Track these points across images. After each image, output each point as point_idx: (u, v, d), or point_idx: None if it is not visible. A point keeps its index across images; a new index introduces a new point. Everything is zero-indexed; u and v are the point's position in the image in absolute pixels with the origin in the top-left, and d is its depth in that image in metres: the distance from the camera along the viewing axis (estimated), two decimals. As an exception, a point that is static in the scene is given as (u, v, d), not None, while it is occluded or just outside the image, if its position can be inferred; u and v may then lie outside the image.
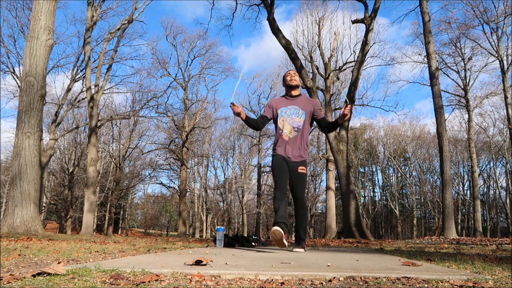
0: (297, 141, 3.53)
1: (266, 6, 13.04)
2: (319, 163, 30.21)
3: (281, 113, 3.60)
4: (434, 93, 12.39)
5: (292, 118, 3.55)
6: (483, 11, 18.98)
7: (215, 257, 2.62)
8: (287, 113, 3.57)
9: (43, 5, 7.43)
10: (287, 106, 3.61)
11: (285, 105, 3.62)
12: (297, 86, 3.66)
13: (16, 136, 7.07)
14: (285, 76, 3.71)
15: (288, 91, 3.71)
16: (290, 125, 3.53)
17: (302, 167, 3.52)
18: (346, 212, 11.92)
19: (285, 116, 3.56)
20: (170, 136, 28.21)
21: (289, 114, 3.57)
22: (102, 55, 17.36)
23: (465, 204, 32.32)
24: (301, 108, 3.58)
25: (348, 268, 2.00)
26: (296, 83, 3.65)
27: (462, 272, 1.94)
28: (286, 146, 3.53)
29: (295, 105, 3.60)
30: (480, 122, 26.01)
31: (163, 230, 49.29)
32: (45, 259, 2.56)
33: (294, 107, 3.59)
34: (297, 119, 3.54)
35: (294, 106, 3.60)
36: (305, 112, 3.57)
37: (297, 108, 3.58)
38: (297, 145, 3.53)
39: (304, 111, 3.57)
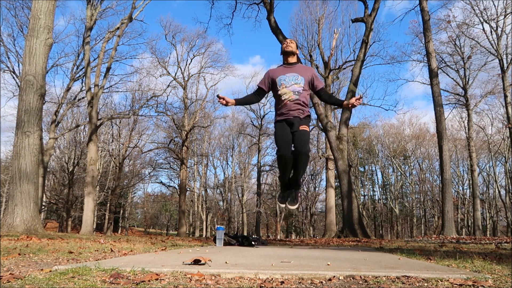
0: (298, 102, 3.57)
1: (266, 5, 13.02)
2: (319, 162, 30.21)
3: (280, 81, 3.59)
4: (434, 92, 12.39)
5: (292, 85, 3.56)
6: (482, 10, 18.98)
7: (215, 256, 2.62)
8: (286, 80, 3.57)
9: (43, 5, 7.41)
10: (286, 74, 3.61)
11: (283, 73, 3.62)
12: (292, 52, 3.65)
13: (16, 135, 7.07)
14: (282, 44, 3.75)
15: (285, 59, 3.71)
16: (290, 90, 3.55)
17: (304, 126, 3.54)
18: (346, 211, 11.92)
19: (285, 84, 3.56)
20: (169, 135, 28.21)
21: (288, 81, 3.56)
22: (101, 54, 17.34)
23: (465, 203, 32.33)
24: (300, 74, 3.60)
25: (347, 267, 2.00)
26: (291, 49, 3.64)
27: (461, 271, 1.94)
28: (288, 109, 3.56)
29: (293, 72, 3.61)
30: (478, 121, 26.02)
31: (163, 229, 49.30)
32: (45, 258, 2.56)
33: (293, 74, 3.60)
34: (297, 85, 3.56)
35: (292, 73, 3.60)
36: (304, 78, 3.59)
37: (296, 75, 3.58)
38: (298, 106, 3.57)
39: (303, 77, 3.59)
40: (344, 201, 12.10)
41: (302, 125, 3.55)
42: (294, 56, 3.69)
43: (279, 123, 3.62)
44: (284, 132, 3.55)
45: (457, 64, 21.71)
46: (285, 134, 3.54)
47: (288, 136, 3.53)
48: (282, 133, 3.55)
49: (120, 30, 17.79)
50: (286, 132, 3.55)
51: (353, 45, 21.95)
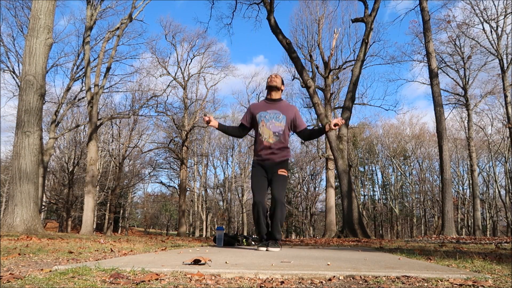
0: (278, 145, 3.43)
1: (266, 5, 13.02)
2: (319, 162, 30.21)
3: (260, 118, 3.46)
4: (434, 92, 12.39)
5: (272, 123, 3.43)
6: (482, 10, 18.98)
7: (215, 256, 2.62)
8: (267, 117, 3.44)
9: (43, 4, 7.41)
10: (267, 111, 3.48)
11: (264, 110, 3.49)
12: (276, 87, 3.52)
13: (16, 135, 7.07)
14: (268, 78, 3.62)
15: (268, 94, 3.58)
16: (270, 130, 3.42)
17: (282, 170, 3.43)
18: (346, 211, 11.92)
19: (265, 121, 3.43)
20: (169, 135, 28.21)
21: (268, 118, 3.44)
22: (101, 54, 17.34)
23: (465, 203, 32.34)
24: (282, 112, 3.47)
25: (347, 267, 2.00)
26: (276, 84, 3.51)
27: (461, 271, 1.94)
28: (267, 151, 3.43)
29: (275, 110, 3.48)
30: (478, 121, 26.03)
31: (163, 229, 49.32)
32: (45, 258, 2.56)
33: (274, 111, 3.47)
34: (278, 124, 3.42)
35: (274, 111, 3.47)
36: (286, 116, 3.47)
37: (278, 113, 3.46)
38: (278, 150, 3.44)
39: (284, 115, 3.47)
40: (344, 201, 12.10)
41: (281, 169, 3.43)
42: (278, 91, 3.56)
43: (255, 168, 3.49)
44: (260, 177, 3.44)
45: (457, 64, 21.72)
46: (261, 179, 3.43)
47: (264, 181, 3.42)
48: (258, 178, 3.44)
49: (120, 30, 17.80)
50: (262, 177, 3.44)
51: (353, 45, 21.96)
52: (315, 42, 21.05)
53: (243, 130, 3.62)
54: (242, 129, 3.62)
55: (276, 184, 3.40)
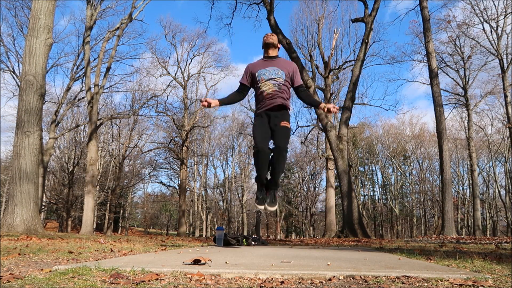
0: (278, 94, 3.47)
1: (266, 5, 13.02)
2: (319, 162, 30.20)
3: (259, 75, 3.51)
4: (434, 92, 12.39)
5: (271, 79, 3.48)
6: (482, 10, 18.98)
7: (215, 256, 2.62)
8: (266, 74, 3.49)
9: (43, 4, 7.41)
10: (265, 68, 3.52)
11: (263, 67, 3.53)
12: (273, 44, 3.55)
13: (16, 135, 7.07)
14: (263, 36, 3.65)
15: (265, 52, 3.62)
16: (270, 82, 3.46)
17: (284, 122, 3.45)
18: (346, 211, 11.92)
19: (264, 78, 3.48)
20: (169, 135, 28.21)
21: (268, 75, 3.48)
22: (101, 54, 17.34)
23: (465, 203, 32.34)
24: (280, 68, 3.51)
25: (347, 267, 2.00)
26: (272, 41, 3.55)
27: (461, 271, 1.94)
28: (267, 101, 3.47)
29: (274, 66, 3.52)
30: (478, 121, 26.02)
31: (163, 229, 49.31)
32: (45, 258, 2.56)
33: (273, 68, 3.51)
34: (277, 79, 3.47)
35: (272, 67, 3.51)
36: (284, 72, 3.50)
37: (276, 69, 3.50)
38: (278, 98, 3.47)
39: (283, 71, 3.50)
40: (344, 201, 12.10)
41: (283, 121, 3.45)
42: (275, 49, 3.60)
43: (258, 117, 3.52)
44: (263, 126, 3.46)
45: (457, 64, 21.71)
46: (264, 128, 3.45)
47: (267, 131, 3.44)
48: (261, 127, 3.46)
49: (120, 30, 17.80)
50: (265, 127, 3.45)
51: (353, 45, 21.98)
52: (315, 42, 21.06)
53: (244, 91, 3.66)
54: (242, 90, 3.65)
55: (279, 133, 3.42)
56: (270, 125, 3.46)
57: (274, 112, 3.46)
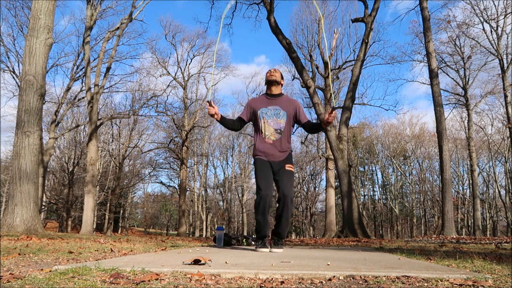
0: (280, 143, 3.35)
1: (266, 5, 13.02)
2: (319, 162, 30.21)
3: (261, 115, 3.37)
4: (434, 92, 12.38)
5: (274, 120, 3.35)
6: (483, 10, 18.98)
7: (215, 256, 2.62)
8: (268, 114, 3.36)
9: (43, 4, 7.41)
10: (268, 107, 3.39)
11: (265, 106, 3.40)
12: (276, 81, 3.43)
13: (16, 135, 7.07)
14: (266, 73, 3.53)
15: (268, 88, 3.50)
16: (271, 127, 3.34)
17: (289, 165, 3.34)
18: (346, 211, 11.93)
19: (266, 118, 3.35)
20: (169, 135, 28.21)
21: (270, 115, 3.36)
22: (101, 54, 17.34)
23: (465, 203, 32.34)
24: (282, 108, 3.38)
25: (347, 267, 2.00)
26: (275, 78, 3.43)
27: (461, 271, 1.94)
28: (269, 149, 3.35)
29: (276, 106, 3.39)
30: (478, 121, 26.03)
31: (163, 229, 49.32)
32: (45, 258, 2.56)
33: (275, 107, 3.38)
34: (279, 120, 3.35)
35: (275, 107, 3.39)
36: (286, 112, 3.38)
37: (278, 109, 3.37)
38: (281, 147, 3.36)
39: (285, 111, 3.38)
40: (344, 201, 12.10)
41: (288, 164, 3.32)
42: (278, 86, 3.47)
43: (260, 161, 3.33)
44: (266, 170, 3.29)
45: (457, 64, 21.72)
46: (267, 173, 3.28)
47: (270, 175, 3.28)
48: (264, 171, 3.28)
49: (120, 30, 17.80)
50: (268, 170, 3.29)
51: (353, 45, 21.99)
52: (315, 42, 21.06)
53: (241, 125, 3.54)
54: (240, 123, 3.53)
55: (284, 179, 3.26)
56: (273, 169, 3.32)
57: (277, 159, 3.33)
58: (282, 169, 3.31)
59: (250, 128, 33.95)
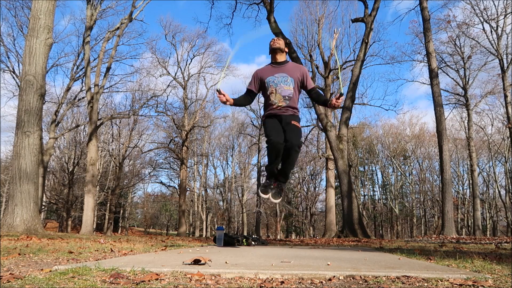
0: (288, 108, 3.49)
1: (266, 5, 13.02)
2: (319, 162, 30.21)
3: (269, 83, 3.48)
4: (434, 92, 12.38)
5: (281, 87, 3.45)
6: (482, 10, 18.98)
7: (215, 256, 2.62)
8: (275, 81, 3.46)
9: (43, 4, 7.41)
10: (274, 75, 3.48)
11: (272, 74, 3.49)
12: (280, 49, 3.51)
13: (16, 135, 7.07)
14: (270, 42, 3.62)
15: (273, 57, 3.58)
16: (280, 94, 3.44)
17: (295, 121, 3.49)
18: (346, 211, 11.93)
19: (273, 86, 3.46)
20: (169, 135, 28.22)
21: (277, 82, 3.45)
22: (101, 54, 17.34)
23: (465, 203, 32.33)
24: (289, 75, 3.48)
25: (347, 267, 2.00)
26: (279, 45, 3.51)
27: (461, 270, 1.94)
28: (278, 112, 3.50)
29: (282, 73, 3.48)
30: (478, 121, 26.03)
31: (163, 229, 49.30)
32: (45, 258, 2.56)
33: (282, 74, 3.47)
34: (286, 87, 3.44)
35: (281, 74, 3.48)
36: (293, 78, 3.48)
37: (285, 76, 3.47)
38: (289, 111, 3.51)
39: (292, 77, 3.47)
40: (344, 201, 12.10)
41: (294, 121, 3.48)
42: (282, 53, 3.56)
43: (269, 117, 3.53)
44: (275, 123, 3.47)
45: (457, 64, 21.72)
46: (276, 125, 3.46)
47: (279, 127, 3.45)
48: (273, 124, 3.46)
49: (120, 30, 17.80)
50: (277, 124, 3.47)
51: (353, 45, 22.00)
52: (315, 42, 21.06)
53: (251, 97, 3.66)
54: (250, 95, 3.65)
55: (291, 131, 3.42)
56: (281, 125, 3.48)
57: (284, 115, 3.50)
58: (289, 124, 3.46)
59: (250, 128, 33.97)
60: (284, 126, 3.45)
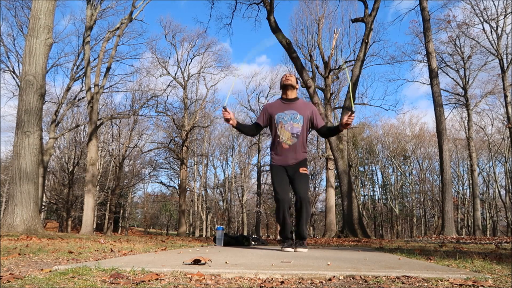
0: (296, 147, 3.43)
1: (265, 5, 13.02)
2: (319, 162, 30.21)
3: (278, 119, 3.43)
4: (434, 92, 12.39)
5: (290, 124, 3.40)
6: (482, 10, 18.98)
7: (215, 256, 2.62)
8: (285, 118, 3.41)
9: (43, 4, 7.41)
10: (284, 111, 3.44)
11: (281, 110, 3.46)
12: (291, 85, 3.48)
13: (16, 135, 7.07)
14: (282, 77, 3.59)
15: (283, 93, 3.55)
16: (288, 132, 3.40)
17: (303, 168, 3.42)
18: (346, 211, 11.93)
19: (283, 123, 3.41)
20: (169, 135, 28.22)
21: (286, 119, 3.41)
22: (101, 54, 17.34)
23: (465, 203, 32.34)
24: (299, 112, 3.44)
25: (347, 267, 2.00)
26: (291, 82, 3.48)
27: (461, 271, 1.94)
28: (286, 154, 3.42)
29: (292, 110, 3.45)
30: (478, 121, 26.03)
31: (163, 229, 49.31)
32: (45, 258, 2.56)
33: (292, 111, 3.44)
34: (296, 125, 3.40)
35: (291, 111, 3.44)
36: (303, 116, 3.43)
37: (295, 113, 3.43)
38: (297, 151, 3.43)
39: (302, 115, 3.43)
40: (344, 201, 12.10)
41: (302, 167, 3.41)
42: (294, 90, 3.52)
43: (276, 167, 3.45)
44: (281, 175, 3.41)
45: (457, 64, 21.72)
46: (283, 177, 3.40)
47: (286, 180, 3.40)
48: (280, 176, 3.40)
49: (120, 30, 17.80)
50: (284, 175, 3.41)
51: (353, 45, 21.96)
52: (315, 42, 21.06)
53: (258, 130, 3.61)
54: (257, 128, 3.60)
55: (300, 182, 3.36)
56: (288, 174, 3.42)
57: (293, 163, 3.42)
58: (297, 173, 3.39)
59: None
60: (292, 176, 3.39)
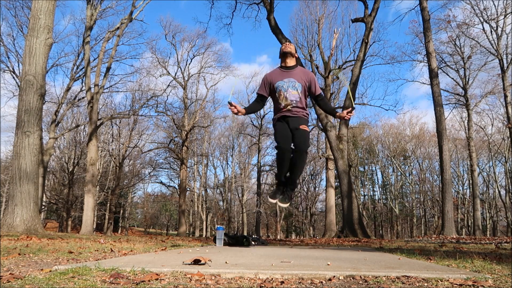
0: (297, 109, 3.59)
1: (265, 5, 13.02)
2: (319, 162, 30.21)
3: (278, 88, 3.58)
4: (434, 92, 12.38)
5: (289, 92, 3.54)
6: (482, 10, 18.98)
7: (215, 256, 2.62)
8: (284, 86, 3.55)
9: (43, 4, 7.41)
10: (283, 79, 3.58)
11: (281, 78, 3.59)
12: (290, 53, 3.60)
13: (16, 135, 7.07)
14: (281, 46, 3.72)
15: (283, 61, 3.67)
16: (287, 99, 3.55)
17: (303, 125, 3.57)
18: (346, 211, 11.92)
19: (282, 91, 3.55)
20: (169, 135, 28.21)
21: (285, 87, 3.55)
22: (101, 54, 17.34)
23: (465, 203, 32.33)
24: (297, 80, 3.57)
25: (347, 267, 2.00)
26: (290, 50, 3.60)
27: (461, 270, 1.94)
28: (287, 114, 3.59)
29: (291, 77, 3.58)
30: (478, 121, 26.02)
31: (163, 229, 49.30)
32: (45, 258, 2.56)
33: (290, 79, 3.57)
34: (294, 92, 3.54)
35: (290, 79, 3.57)
36: (301, 84, 3.57)
37: (293, 81, 3.56)
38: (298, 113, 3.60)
39: (300, 83, 3.56)
40: (344, 201, 12.10)
41: (302, 125, 3.56)
42: (292, 58, 3.66)
43: (279, 121, 3.63)
44: (284, 128, 3.57)
45: (457, 64, 21.71)
46: (285, 130, 3.55)
47: (288, 133, 3.55)
48: (282, 129, 3.56)
49: (120, 30, 17.80)
50: (286, 129, 3.56)
51: (353, 45, 21.98)
52: (315, 42, 21.06)
53: (262, 101, 3.76)
54: (261, 100, 3.75)
55: (299, 136, 3.52)
56: (290, 128, 3.56)
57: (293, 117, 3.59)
58: (298, 128, 3.55)
59: (250, 128, 33.95)
60: (293, 131, 3.54)
